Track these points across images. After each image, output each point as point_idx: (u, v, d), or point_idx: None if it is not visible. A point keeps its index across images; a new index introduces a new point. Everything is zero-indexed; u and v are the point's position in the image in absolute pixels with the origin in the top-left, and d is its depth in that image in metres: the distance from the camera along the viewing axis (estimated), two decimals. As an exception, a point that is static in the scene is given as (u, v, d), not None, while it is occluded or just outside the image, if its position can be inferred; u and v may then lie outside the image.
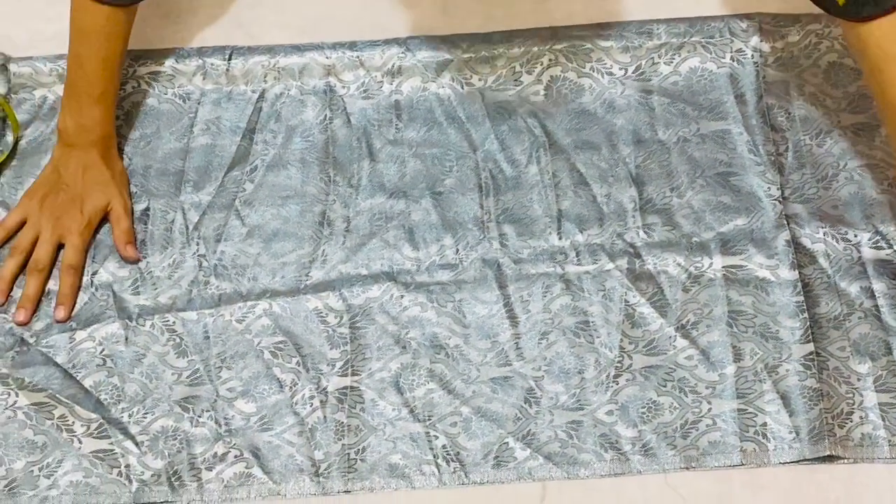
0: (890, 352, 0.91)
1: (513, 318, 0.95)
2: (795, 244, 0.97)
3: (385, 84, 1.09)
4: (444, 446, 0.89)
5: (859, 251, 0.96)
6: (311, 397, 0.92)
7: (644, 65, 1.08)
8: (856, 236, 0.97)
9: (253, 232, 1.01)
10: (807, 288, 0.95)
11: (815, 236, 0.97)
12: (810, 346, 0.91)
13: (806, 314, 0.93)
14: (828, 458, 0.87)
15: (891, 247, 0.96)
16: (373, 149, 1.06)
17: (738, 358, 0.92)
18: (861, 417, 0.88)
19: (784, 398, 0.89)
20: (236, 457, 0.89)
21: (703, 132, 1.05)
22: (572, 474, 0.88)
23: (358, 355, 0.94)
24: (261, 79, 1.10)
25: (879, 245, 0.97)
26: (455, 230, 1.00)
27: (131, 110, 1.09)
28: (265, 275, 0.99)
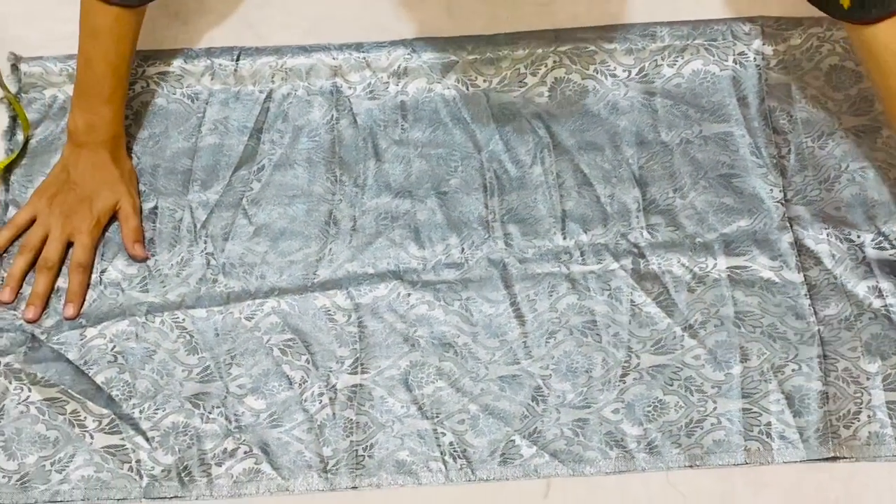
0: (900, 351, 0.92)
1: (520, 316, 0.96)
2: (799, 246, 0.98)
3: (391, 85, 1.10)
4: (451, 443, 0.90)
5: (863, 252, 0.97)
6: (320, 394, 0.92)
7: (647, 67, 1.09)
8: (859, 237, 0.98)
9: (260, 231, 1.02)
10: (814, 289, 0.95)
11: (819, 237, 0.98)
12: (817, 349, 0.92)
13: (814, 317, 0.94)
14: (830, 458, 0.88)
15: (894, 247, 0.97)
16: (379, 149, 1.06)
17: (744, 358, 0.92)
18: (869, 416, 0.89)
19: (789, 399, 0.90)
20: (246, 453, 0.90)
21: (706, 134, 1.05)
22: (577, 471, 0.88)
23: (367, 353, 0.94)
24: (268, 79, 1.10)
25: (882, 246, 0.97)
26: (460, 230, 1.01)
27: (140, 110, 1.09)
28: (273, 273, 0.99)
